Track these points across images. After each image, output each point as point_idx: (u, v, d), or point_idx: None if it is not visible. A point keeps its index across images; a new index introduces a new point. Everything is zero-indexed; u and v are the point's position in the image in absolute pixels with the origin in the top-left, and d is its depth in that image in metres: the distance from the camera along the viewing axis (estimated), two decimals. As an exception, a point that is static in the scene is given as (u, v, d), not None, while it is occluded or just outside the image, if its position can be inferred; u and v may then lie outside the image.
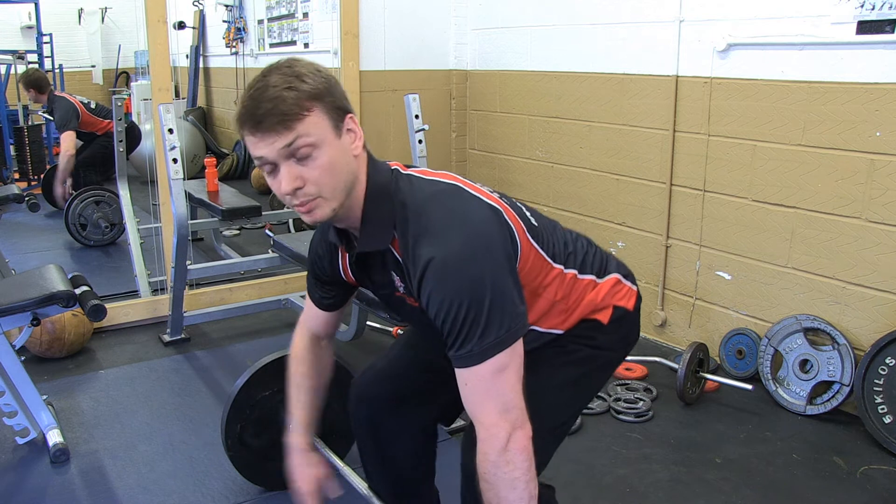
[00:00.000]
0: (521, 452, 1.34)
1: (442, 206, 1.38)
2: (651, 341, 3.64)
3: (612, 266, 1.69)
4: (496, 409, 1.33)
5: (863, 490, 2.43)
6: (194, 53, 7.49)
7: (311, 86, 1.33)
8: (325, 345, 1.86)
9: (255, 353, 3.37)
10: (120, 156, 4.71)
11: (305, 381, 1.82)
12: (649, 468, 2.55)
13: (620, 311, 1.65)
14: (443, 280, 1.31)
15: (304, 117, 1.32)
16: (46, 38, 7.53)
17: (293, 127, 1.31)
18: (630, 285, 1.70)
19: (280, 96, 1.31)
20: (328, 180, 1.36)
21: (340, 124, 1.37)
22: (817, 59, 2.81)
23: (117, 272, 4.62)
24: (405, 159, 4.20)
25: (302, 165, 1.34)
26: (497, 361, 1.32)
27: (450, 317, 1.31)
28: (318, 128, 1.33)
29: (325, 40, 4.69)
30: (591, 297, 1.62)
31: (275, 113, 1.31)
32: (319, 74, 1.36)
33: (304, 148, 1.32)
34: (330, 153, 1.35)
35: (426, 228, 1.35)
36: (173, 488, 2.44)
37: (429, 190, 1.42)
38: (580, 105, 3.84)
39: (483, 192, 1.45)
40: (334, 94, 1.37)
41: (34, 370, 3.00)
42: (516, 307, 1.34)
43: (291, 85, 1.32)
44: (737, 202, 3.18)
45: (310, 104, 1.32)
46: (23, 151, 6.70)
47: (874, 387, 2.71)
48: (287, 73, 1.34)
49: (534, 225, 1.54)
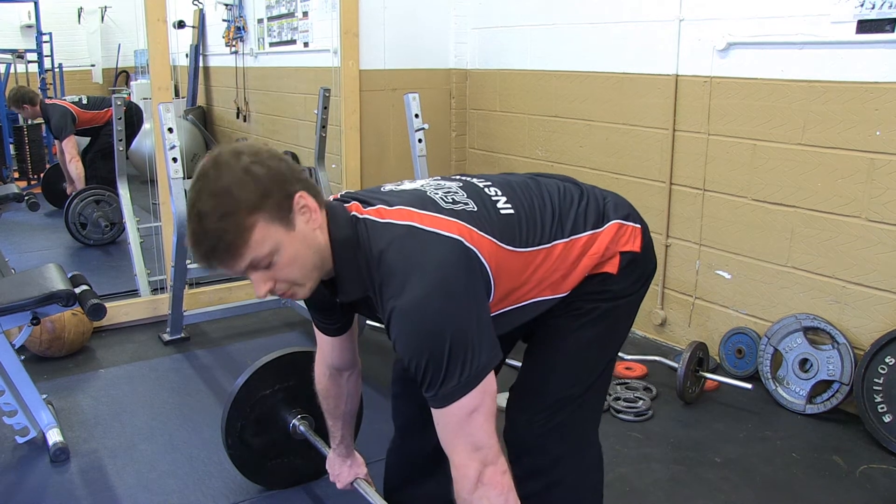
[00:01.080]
0: (495, 487, 1.35)
1: (397, 255, 1.35)
2: (651, 340, 3.64)
3: (609, 211, 1.63)
4: (465, 449, 1.35)
5: (862, 489, 2.43)
6: (194, 52, 7.48)
7: (245, 199, 1.29)
8: (349, 376, 1.88)
9: (254, 352, 3.37)
10: (120, 155, 4.70)
11: (335, 412, 1.94)
12: (649, 467, 2.55)
13: (628, 255, 1.61)
14: (403, 329, 1.31)
15: (250, 238, 1.30)
16: (46, 38, 7.53)
17: (242, 253, 1.31)
18: (633, 225, 1.65)
19: (217, 230, 1.28)
20: (296, 272, 1.39)
21: (290, 215, 1.34)
22: (817, 58, 2.81)
23: (117, 271, 4.62)
24: (405, 159, 4.22)
25: (267, 269, 1.36)
26: (462, 404, 1.32)
27: (412, 364, 1.32)
28: (267, 238, 1.32)
29: (325, 39, 4.68)
30: (592, 253, 1.57)
31: (219, 249, 1.30)
32: (251, 176, 1.30)
33: (261, 261, 1.34)
34: (288, 252, 1.35)
35: (386, 279, 1.34)
36: (173, 487, 2.44)
37: (385, 238, 1.38)
38: (580, 104, 3.84)
39: (440, 222, 1.40)
40: (273, 190, 1.31)
41: (34, 369, 3.00)
42: (479, 348, 1.32)
43: (225, 210, 1.28)
44: (737, 201, 3.18)
45: (251, 221, 1.29)
46: (22, 151, 6.71)
47: (874, 386, 2.71)
48: (216, 189, 1.29)
49: (508, 216, 1.50)
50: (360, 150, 4.32)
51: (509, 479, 1.38)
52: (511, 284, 1.49)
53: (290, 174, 1.35)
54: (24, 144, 6.68)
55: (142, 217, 4.68)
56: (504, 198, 1.54)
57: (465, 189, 1.54)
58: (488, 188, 1.57)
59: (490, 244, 1.43)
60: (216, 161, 1.32)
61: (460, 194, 1.51)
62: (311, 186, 1.39)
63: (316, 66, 5.02)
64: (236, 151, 1.33)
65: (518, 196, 1.56)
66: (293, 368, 2.30)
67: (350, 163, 4.29)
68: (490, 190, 1.56)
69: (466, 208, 1.46)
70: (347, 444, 2.02)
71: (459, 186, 1.55)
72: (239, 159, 1.31)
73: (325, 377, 1.88)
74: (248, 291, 4.05)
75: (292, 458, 2.38)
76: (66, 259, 5.01)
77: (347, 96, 4.24)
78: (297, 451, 2.37)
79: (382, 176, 4.44)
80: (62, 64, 7.87)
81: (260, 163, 1.32)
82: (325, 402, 1.93)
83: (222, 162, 1.32)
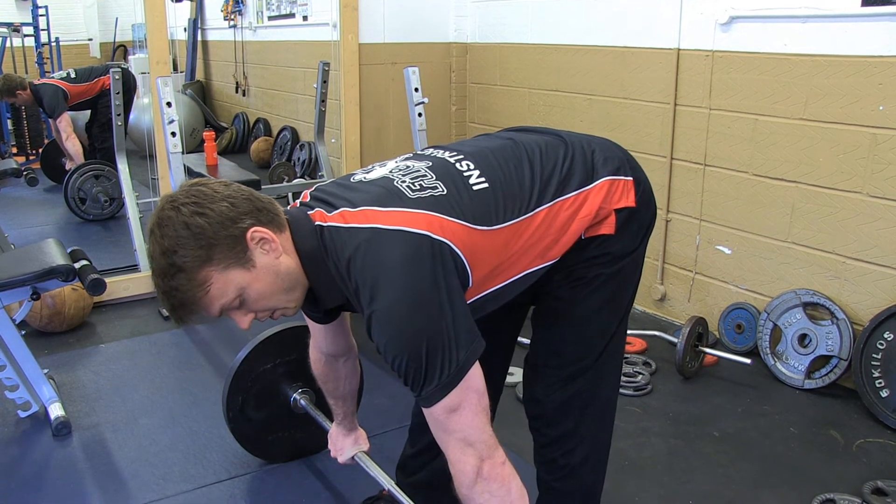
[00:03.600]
0: (495, 480, 1.35)
1: (364, 260, 1.32)
2: (650, 315, 3.65)
3: (599, 165, 1.55)
4: (457, 446, 1.35)
5: (858, 463, 2.45)
6: (192, 26, 7.42)
7: (193, 256, 1.28)
8: (345, 361, 1.87)
9: (255, 326, 3.36)
10: (118, 130, 4.67)
11: (335, 393, 1.94)
12: (648, 441, 2.57)
13: (624, 212, 1.55)
14: (381, 335, 1.31)
15: (209, 290, 1.31)
16: (42, 11, 7.45)
17: (207, 304, 1.33)
18: (624, 178, 1.56)
19: (174, 289, 1.30)
20: (272, 303, 1.40)
21: (245, 254, 1.32)
22: (821, 31, 2.79)
23: (117, 246, 4.61)
24: (405, 133, 4.20)
25: (241, 308, 1.38)
26: (446, 403, 1.32)
27: (394, 367, 1.32)
28: (228, 284, 1.32)
29: (324, 13, 4.64)
30: (582, 215, 1.51)
31: (183, 306, 1.32)
32: (192, 231, 1.28)
33: (230, 305, 1.35)
34: (255, 287, 1.35)
35: (358, 286, 1.33)
36: (174, 461, 2.45)
37: (350, 245, 1.34)
38: (580, 78, 3.81)
39: (406, 217, 1.34)
40: (219, 238, 1.29)
41: (35, 344, 3.01)
42: (457, 347, 1.31)
43: (175, 268, 1.28)
44: (738, 176, 3.17)
45: (204, 275, 1.30)
46: (20, 126, 6.68)
47: (872, 361, 2.72)
48: (163, 249, 1.28)
49: (482, 192, 1.44)
50: (359, 125, 4.30)
51: (510, 469, 1.37)
52: (493, 263, 1.46)
53: (234, 213, 1.32)
54: (21, 120, 6.64)
55: (141, 192, 4.66)
56: (477, 171, 1.47)
57: (434, 170, 1.47)
58: (460, 162, 1.49)
59: (462, 229, 1.38)
60: (159, 218, 1.31)
61: (429, 177, 1.45)
62: (263, 213, 1.36)
63: (315, 39, 4.99)
64: (175, 204, 1.30)
65: (492, 166, 1.49)
66: (294, 343, 2.31)
67: (350, 137, 4.27)
68: (462, 164, 1.49)
69: (434, 193, 1.40)
70: (351, 419, 2.03)
71: (428, 167, 1.48)
72: (179, 212, 1.29)
73: (320, 362, 1.87)
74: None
75: (293, 432, 2.40)
76: (66, 234, 5.00)
77: (347, 70, 4.21)
78: (297, 425, 2.38)
79: (382, 150, 4.42)
80: (59, 38, 7.80)
81: (200, 212, 1.29)
82: (323, 385, 1.93)
83: (164, 218, 1.30)
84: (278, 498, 2.27)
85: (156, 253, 1.30)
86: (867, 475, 2.36)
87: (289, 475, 2.38)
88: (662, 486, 2.33)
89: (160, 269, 1.30)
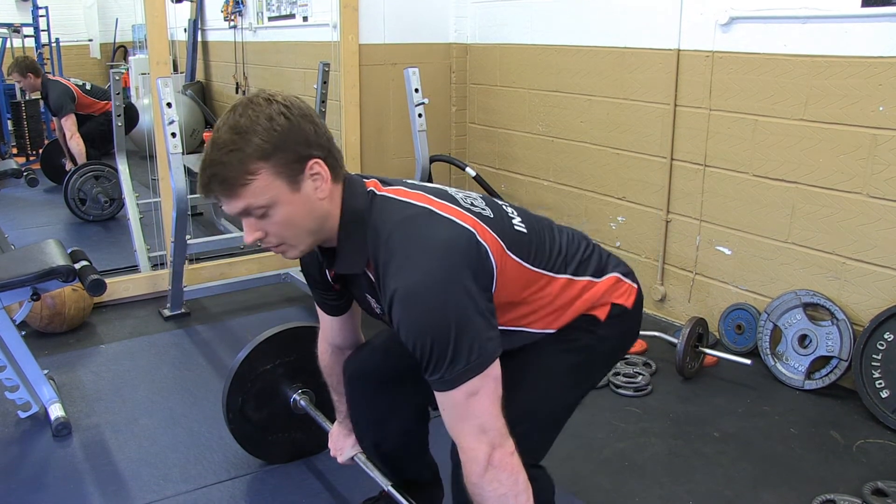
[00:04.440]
0: (504, 469, 1.35)
1: (408, 233, 1.34)
2: (650, 316, 3.65)
3: (611, 266, 1.65)
4: (472, 432, 1.34)
5: (858, 463, 2.45)
6: (192, 27, 7.42)
7: (257, 145, 1.28)
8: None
9: (255, 327, 3.38)
10: (119, 130, 4.68)
11: (339, 388, 1.93)
12: (648, 442, 2.57)
13: (618, 308, 1.62)
14: (407, 312, 1.30)
15: (250, 182, 1.30)
16: (42, 12, 7.46)
17: (239, 194, 1.31)
18: (630, 283, 1.66)
19: (223, 162, 1.28)
20: (289, 232, 1.38)
21: (299, 176, 1.33)
22: (821, 32, 2.79)
23: (117, 247, 4.62)
24: (405, 133, 4.20)
25: (261, 219, 1.35)
26: (468, 387, 1.32)
27: (417, 347, 1.31)
28: (268, 189, 1.31)
29: (325, 13, 4.64)
30: (587, 297, 1.59)
31: (218, 181, 1.30)
32: (272, 125, 1.29)
33: (256, 210, 1.33)
34: (285, 210, 1.34)
35: (392, 256, 1.33)
36: (174, 461, 2.45)
37: (398, 215, 1.38)
38: (581, 79, 3.81)
39: (457, 213, 1.40)
40: (288, 146, 1.31)
41: (35, 345, 3.01)
42: (485, 333, 1.32)
43: (235, 146, 1.28)
44: (738, 177, 3.17)
45: (255, 167, 1.29)
46: (21, 126, 6.69)
47: (872, 362, 2.72)
48: (236, 125, 1.29)
49: (521, 233, 1.50)
50: (360, 125, 4.30)
51: (517, 460, 1.37)
52: (511, 297, 1.48)
53: (313, 138, 1.34)
54: (22, 120, 6.65)
55: (141, 193, 4.67)
56: (519, 218, 1.56)
57: (484, 199, 1.55)
58: (506, 206, 1.58)
59: (499, 247, 1.43)
60: (250, 99, 1.33)
61: (479, 201, 1.51)
62: (332, 157, 1.38)
63: (315, 40, 4.99)
64: (271, 97, 1.32)
65: (532, 223, 1.57)
66: (294, 343, 2.31)
67: (350, 137, 4.27)
68: (507, 208, 1.57)
69: (483, 212, 1.46)
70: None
71: (480, 196, 1.56)
72: (270, 105, 1.31)
73: (327, 354, 1.89)
74: (249, 267, 4.05)
75: (293, 433, 2.40)
76: (66, 235, 5.01)
77: (347, 71, 4.21)
78: (297, 426, 2.38)
79: (382, 151, 4.42)
80: (59, 39, 7.81)
81: (288, 115, 1.31)
82: (328, 378, 1.94)
83: (254, 102, 1.32)
84: (278, 498, 2.27)
85: (224, 126, 1.30)
86: (867, 476, 2.36)
87: (289, 476, 2.38)
88: (662, 486, 2.33)
89: (220, 140, 1.30)
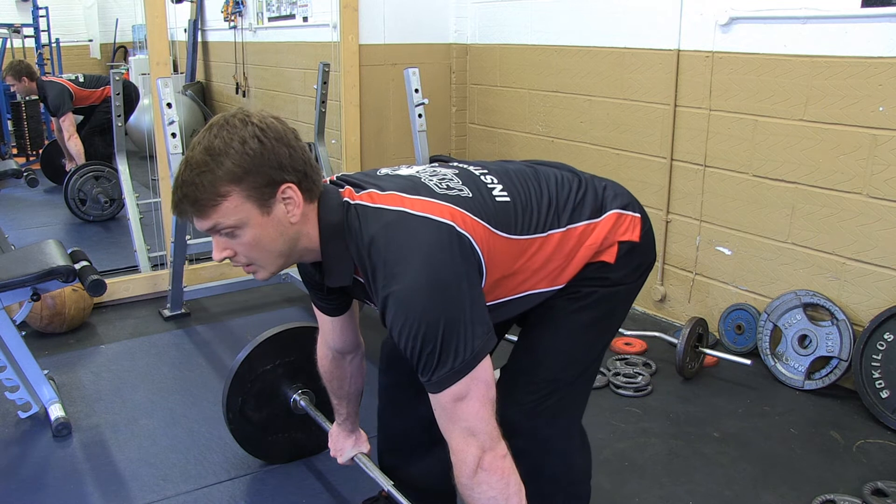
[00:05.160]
0: (495, 473, 1.35)
1: (388, 241, 1.34)
2: (650, 316, 3.65)
3: (608, 200, 1.61)
4: (461, 435, 1.35)
5: (858, 464, 2.45)
6: (192, 27, 7.42)
7: (228, 168, 1.29)
8: (352, 359, 1.87)
9: (255, 327, 3.38)
10: (118, 131, 4.67)
11: (339, 392, 1.94)
12: (648, 442, 2.57)
13: (626, 245, 1.60)
14: (397, 317, 1.31)
15: (219, 204, 1.30)
16: (42, 12, 7.46)
17: (208, 214, 1.32)
18: (632, 214, 1.62)
19: (193, 183, 1.29)
20: (257, 254, 1.39)
21: (270, 200, 1.33)
22: (821, 32, 2.79)
23: (117, 247, 4.61)
24: (405, 134, 4.19)
25: (229, 238, 1.36)
26: (455, 390, 1.32)
27: (407, 350, 1.32)
28: (237, 211, 1.32)
29: (324, 13, 4.64)
30: (589, 243, 1.56)
31: (188, 201, 1.31)
32: (245, 149, 1.29)
33: (224, 229, 1.34)
34: (254, 232, 1.35)
35: (378, 265, 1.33)
36: (174, 461, 2.45)
37: (376, 224, 1.37)
38: (580, 79, 3.81)
39: (432, 206, 1.38)
40: (260, 170, 1.31)
41: (35, 345, 3.01)
42: (472, 334, 1.32)
43: (207, 168, 1.29)
44: (738, 177, 3.17)
45: (226, 189, 1.30)
46: (21, 127, 6.68)
47: (872, 362, 2.72)
48: (210, 148, 1.30)
49: (503, 203, 1.49)
50: (359, 126, 4.30)
51: (510, 463, 1.38)
52: (503, 272, 1.48)
53: (287, 162, 1.33)
54: (21, 120, 6.65)
55: (141, 193, 4.66)
56: (500, 185, 1.53)
57: (460, 176, 1.52)
58: (484, 175, 1.55)
59: (483, 229, 1.42)
60: (227, 119, 1.33)
61: (455, 181, 1.49)
62: (307, 179, 1.37)
63: (315, 40, 4.99)
64: (247, 118, 1.32)
65: (514, 184, 1.55)
66: (294, 343, 2.31)
67: (350, 138, 4.27)
68: (486, 178, 1.54)
69: (461, 194, 1.45)
70: (353, 420, 2.02)
71: (455, 173, 1.53)
72: (245, 127, 1.31)
73: (327, 359, 1.87)
74: (249, 267, 4.04)
75: (293, 433, 2.40)
76: (66, 235, 5.01)
77: (347, 71, 4.21)
78: (297, 426, 2.38)
79: (382, 151, 4.42)
80: (59, 39, 7.80)
81: (262, 139, 1.31)
82: (328, 383, 1.93)
83: (230, 123, 1.32)
84: (278, 498, 2.27)
85: (199, 147, 1.31)
86: (867, 476, 2.36)
87: (289, 476, 2.38)
88: (662, 486, 2.33)
89: (194, 160, 1.30)
